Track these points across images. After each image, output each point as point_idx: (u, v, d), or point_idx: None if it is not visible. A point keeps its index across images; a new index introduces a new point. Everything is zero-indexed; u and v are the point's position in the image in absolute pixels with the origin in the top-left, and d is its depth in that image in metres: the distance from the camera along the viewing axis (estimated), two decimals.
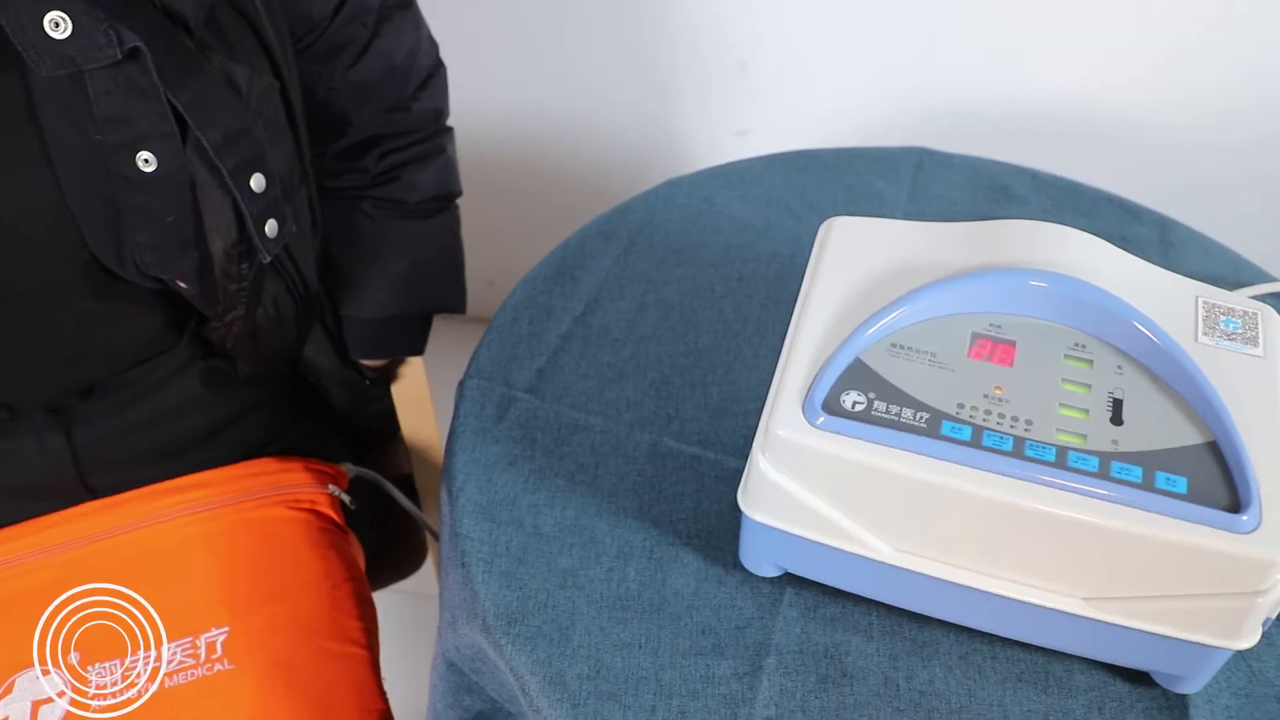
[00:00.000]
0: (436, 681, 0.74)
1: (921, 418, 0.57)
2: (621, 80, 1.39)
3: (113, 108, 0.64)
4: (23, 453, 0.78)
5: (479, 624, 0.64)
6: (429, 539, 1.08)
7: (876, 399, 0.58)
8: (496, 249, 1.39)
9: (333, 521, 0.86)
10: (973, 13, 1.22)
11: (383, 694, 0.81)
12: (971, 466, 0.55)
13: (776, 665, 0.62)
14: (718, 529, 0.69)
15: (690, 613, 0.64)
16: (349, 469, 0.90)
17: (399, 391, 0.98)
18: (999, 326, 0.61)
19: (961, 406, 0.57)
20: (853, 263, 0.65)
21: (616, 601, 0.65)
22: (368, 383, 0.95)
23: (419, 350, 0.94)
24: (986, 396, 0.58)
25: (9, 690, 0.72)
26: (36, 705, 0.72)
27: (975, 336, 0.60)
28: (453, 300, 0.94)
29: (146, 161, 0.66)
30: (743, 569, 0.66)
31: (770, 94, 1.36)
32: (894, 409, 0.57)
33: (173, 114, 0.66)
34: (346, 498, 0.87)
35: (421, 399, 0.99)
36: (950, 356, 0.59)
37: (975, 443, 0.56)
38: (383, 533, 1.00)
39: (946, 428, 0.57)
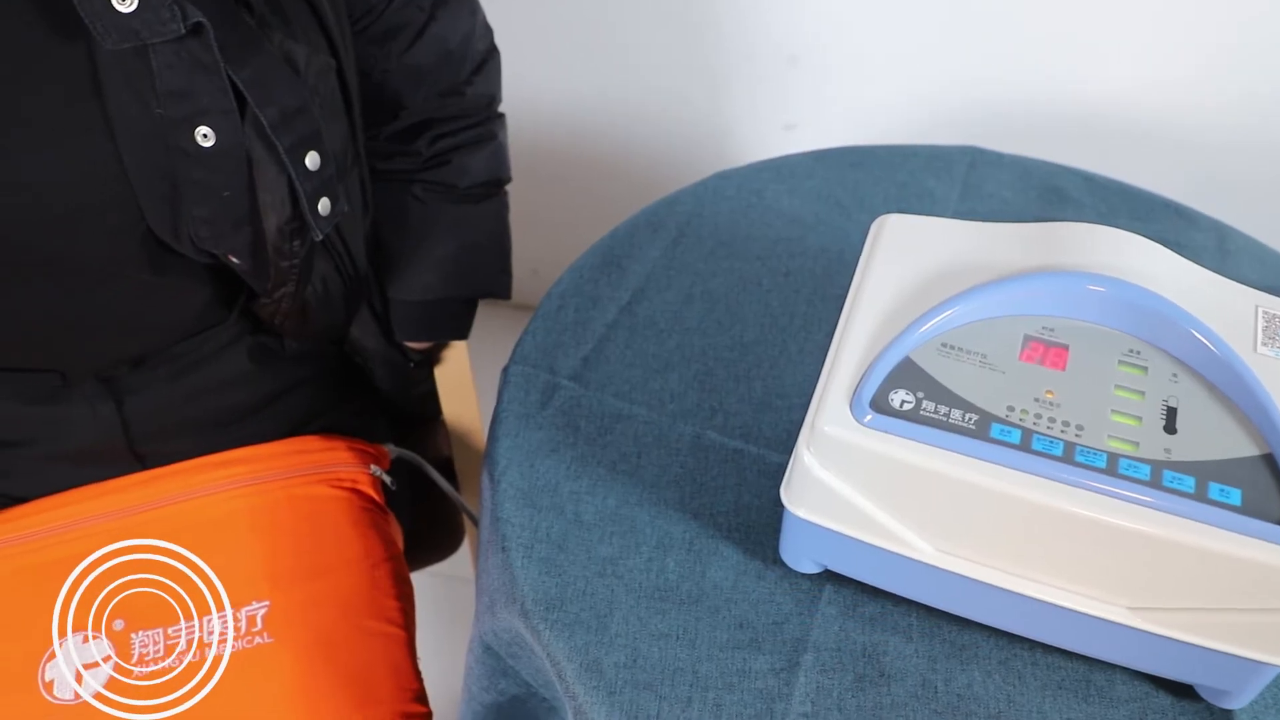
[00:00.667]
0: (472, 664, 0.74)
1: (970, 419, 0.56)
2: (671, 71, 1.38)
3: (175, 82, 0.65)
4: (75, 419, 0.79)
5: (517, 609, 0.65)
6: (466, 522, 1.08)
7: (925, 398, 0.57)
8: (541, 237, 1.39)
9: (374, 501, 0.86)
10: (1027, 10, 1.21)
11: (418, 674, 0.81)
12: (1020, 470, 0.55)
13: (814, 662, 0.62)
14: (758, 523, 0.69)
15: (729, 606, 0.64)
16: (391, 450, 0.91)
17: (442, 375, 0.99)
18: (1052, 330, 0.60)
19: (1011, 409, 0.57)
20: (905, 260, 0.64)
21: (655, 592, 0.65)
22: (412, 365, 0.96)
23: (463, 334, 0.95)
24: (1037, 400, 0.57)
25: (54, 655, 0.73)
26: (80, 670, 0.73)
27: (1027, 339, 0.59)
28: (499, 286, 0.94)
29: (205, 136, 0.67)
30: (782, 564, 0.66)
31: (819, 89, 1.36)
32: (943, 409, 0.57)
33: (232, 90, 0.66)
34: (388, 478, 0.88)
35: (464, 383, 1.00)
36: (1001, 358, 0.59)
37: (1024, 446, 0.55)
38: (420, 515, 1.01)
39: (996, 430, 0.56)
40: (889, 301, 0.62)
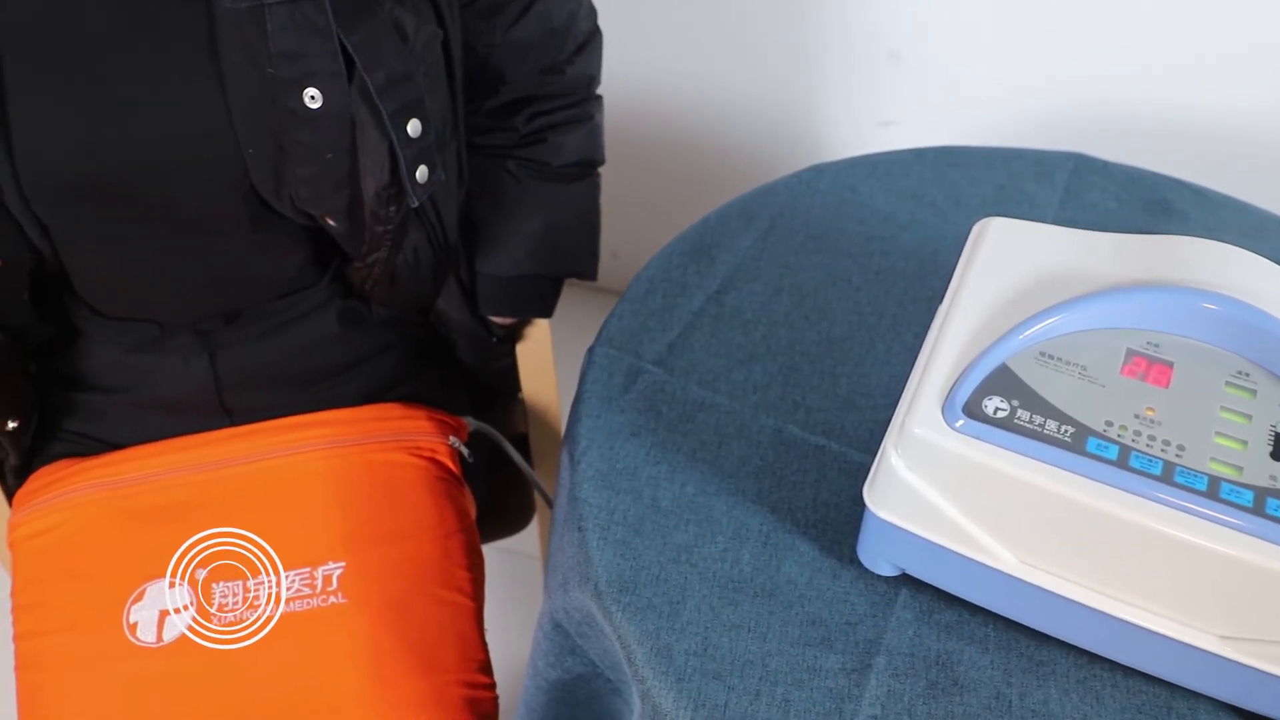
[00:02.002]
0: (540, 640, 0.74)
1: (1066, 431, 0.55)
2: (769, 61, 1.37)
3: (287, 43, 0.66)
4: (169, 369, 0.81)
5: (591, 589, 0.65)
6: (538, 500, 1.09)
7: (1020, 407, 0.56)
8: (624, 221, 1.39)
9: (450, 472, 0.87)
10: (1139, 17, 1.17)
11: (484, 645, 0.82)
12: (1115, 487, 0.53)
13: (886, 665, 0.61)
14: (836, 521, 0.68)
15: (802, 602, 0.64)
16: (470, 423, 0.92)
17: (523, 352, 0.99)
18: (1157, 345, 0.58)
19: (1110, 424, 0.55)
20: (1006, 265, 0.63)
21: (729, 582, 0.65)
22: (495, 339, 0.96)
23: (548, 312, 0.95)
24: (1137, 417, 0.55)
25: (140, 597, 0.75)
26: (163, 615, 0.75)
27: (1130, 353, 0.58)
28: (585, 266, 0.94)
29: (313, 98, 0.68)
30: (859, 564, 0.65)
31: (918, 86, 1.33)
32: (1038, 419, 0.56)
33: (342, 54, 0.67)
34: (465, 450, 0.89)
35: (544, 361, 1.00)
36: (1102, 371, 0.57)
37: (1121, 463, 0.54)
38: (493, 489, 1.02)
39: (1092, 444, 0.55)
40: (987, 306, 0.60)
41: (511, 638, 1.09)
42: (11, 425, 0.80)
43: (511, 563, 1.34)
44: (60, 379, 0.84)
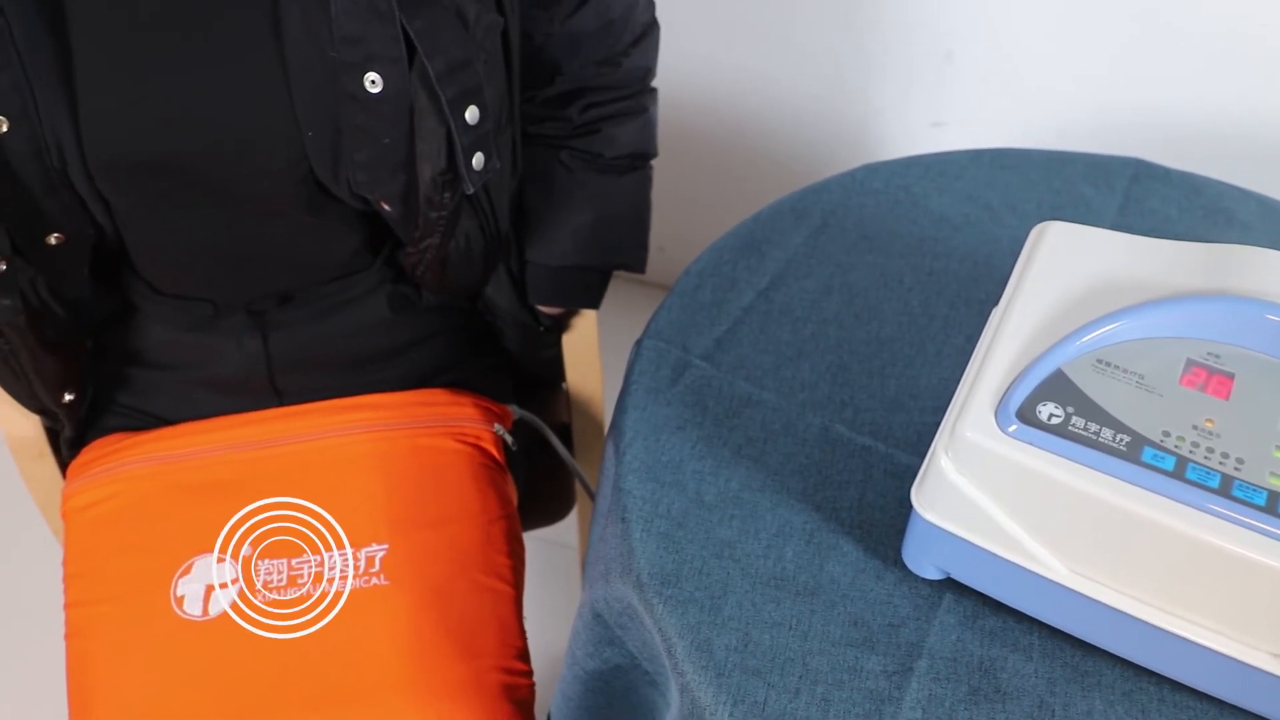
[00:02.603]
0: (580, 630, 0.75)
1: (1122, 440, 0.54)
2: (821, 58, 1.36)
3: (350, 27, 0.66)
4: (222, 349, 0.82)
5: (632, 580, 0.65)
6: (578, 491, 1.09)
7: (1075, 414, 0.55)
8: (671, 215, 1.39)
9: (494, 459, 0.88)
10: (1203, 18, 1.15)
11: (523, 632, 0.82)
12: (1171, 499, 0.52)
13: (928, 669, 0.61)
14: (880, 522, 0.68)
15: (844, 602, 0.64)
16: (515, 411, 0.92)
17: (569, 342, 0.99)
18: (1218, 356, 0.57)
19: (1167, 435, 0.54)
20: (1064, 269, 0.62)
21: (771, 579, 0.64)
22: (541, 329, 0.97)
23: (595, 304, 0.95)
24: (1196, 428, 0.55)
25: (188, 570, 0.77)
26: (209, 589, 0.76)
27: (1190, 363, 0.57)
28: (634, 259, 0.94)
29: (373, 82, 0.68)
30: (902, 566, 0.65)
31: (973, 87, 1.32)
32: (1093, 427, 0.55)
33: (404, 39, 0.68)
34: (509, 438, 0.89)
35: (590, 352, 1.00)
36: (1160, 381, 0.56)
37: (1178, 474, 0.53)
38: (534, 479, 1.02)
39: (1148, 455, 0.54)
40: (1045, 310, 0.60)
41: (546, 627, 1.09)
42: (69, 397, 0.81)
43: (549, 552, 1.34)
44: (116, 354, 0.86)
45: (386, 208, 0.76)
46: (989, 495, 0.57)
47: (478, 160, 0.74)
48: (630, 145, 0.90)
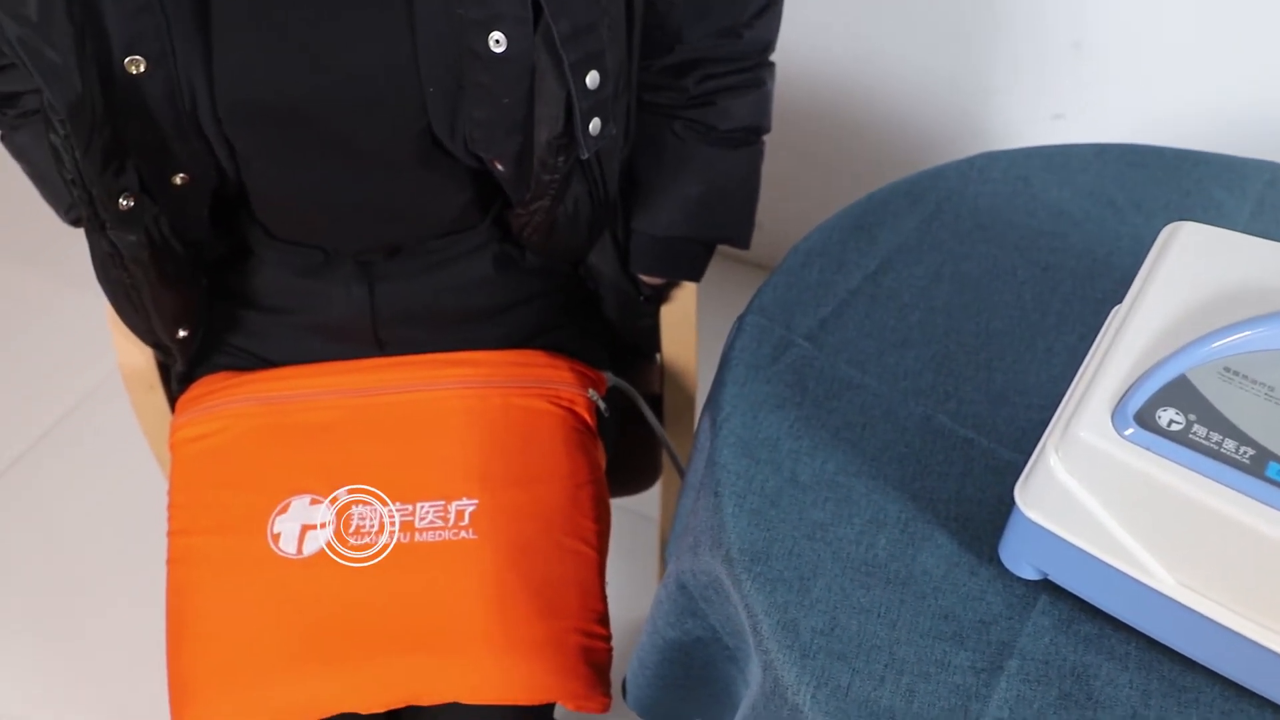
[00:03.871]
0: (663, 599, 0.75)
1: (1245, 453, 0.52)
2: (945, 42, 1.33)
3: None
4: (330, 295, 0.84)
5: (722, 554, 0.65)
6: (665, 462, 1.10)
7: (1197, 422, 0.53)
8: (772, 192, 1.37)
9: (586, 424, 0.88)
10: None
11: (604, 597, 0.83)
12: None
13: (1018, 670, 0.59)
14: (977, 517, 0.66)
15: (936, 595, 0.62)
16: (609, 378, 0.92)
17: (667, 313, 0.99)
18: None
19: None
20: (1195, 272, 0.59)
21: (862, 565, 0.64)
22: (641, 298, 0.96)
23: (697, 276, 0.95)
24: None
25: (285, 510, 0.79)
26: (305, 529, 0.78)
27: None
28: (739, 234, 0.94)
29: (497, 42, 0.69)
30: (998, 564, 0.63)
31: (1098, 80, 1.28)
32: (1215, 437, 0.53)
33: (530, 0, 0.68)
34: (603, 404, 0.89)
35: (687, 325, 1.00)
36: None
37: None
38: (622, 447, 1.02)
39: (1272, 470, 0.52)
40: (1172, 312, 0.58)
41: (624, 594, 1.10)
42: (183, 334, 0.84)
43: (631, 522, 1.35)
44: (229, 295, 0.88)
45: (500, 167, 0.77)
46: (1098, 499, 0.55)
47: (595, 125, 0.74)
48: (744, 119, 0.89)
